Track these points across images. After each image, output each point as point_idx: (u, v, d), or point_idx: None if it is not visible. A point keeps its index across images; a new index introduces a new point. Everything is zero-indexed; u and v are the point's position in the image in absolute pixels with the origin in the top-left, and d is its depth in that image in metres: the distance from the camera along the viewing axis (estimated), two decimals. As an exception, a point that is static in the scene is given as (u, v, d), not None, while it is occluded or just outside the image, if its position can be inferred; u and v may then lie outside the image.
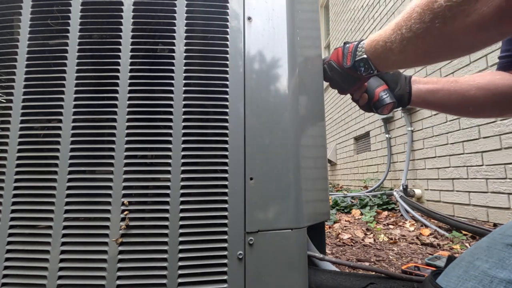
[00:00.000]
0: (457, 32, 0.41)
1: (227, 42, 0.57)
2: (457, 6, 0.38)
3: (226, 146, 0.53)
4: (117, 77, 0.54)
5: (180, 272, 0.49)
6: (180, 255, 0.49)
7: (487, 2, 0.35)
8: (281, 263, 0.52)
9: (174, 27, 0.55)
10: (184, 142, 0.53)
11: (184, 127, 0.53)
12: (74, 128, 0.52)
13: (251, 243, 0.51)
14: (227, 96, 0.55)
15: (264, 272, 0.51)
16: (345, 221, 2.12)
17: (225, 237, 0.51)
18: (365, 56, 0.59)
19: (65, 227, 0.49)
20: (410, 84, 0.69)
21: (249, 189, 0.53)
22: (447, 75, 2.11)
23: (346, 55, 0.63)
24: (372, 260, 1.22)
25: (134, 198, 0.51)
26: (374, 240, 1.58)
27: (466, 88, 0.64)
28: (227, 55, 0.56)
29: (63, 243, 0.49)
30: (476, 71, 1.84)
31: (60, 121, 0.52)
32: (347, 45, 0.64)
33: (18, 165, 0.51)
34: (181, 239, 0.50)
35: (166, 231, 0.50)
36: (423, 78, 0.70)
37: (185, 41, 0.55)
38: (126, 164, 0.51)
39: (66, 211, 0.50)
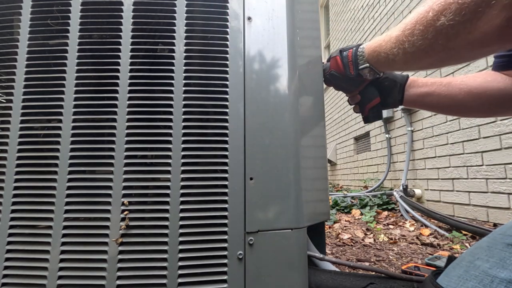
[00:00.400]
0: (460, 47, 0.42)
1: (227, 42, 0.57)
2: (459, 25, 0.38)
3: (226, 146, 0.53)
4: (117, 77, 0.54)
5: (180, 272, 0.49)
6: (180, 255, 0.49)
7: (488, 22, 0.36)
8: (281, 263, 0.52)
9: (174, 27, 0.55)
10: (184, 142, 0.53)
11: (184, 127, 0.53)
12: (74, 128, 0.52)
13: (251, 243, 0.51)
14: (227, 96, 0.55)
15: (264, 272, 0.51)
16: (345, 221, 2.12)
17: (225, 237, 0.51)
18: (367, 65, 0.61)
19: (65, 227, 0.49)
20: (403, 92, 0.71)
21: (249, 189, 0.53)
22: (447, 75, 2.11)
23: (347, 64, 0.65)
24: (372, 260, 1.22)
25: (134, 198, 0.51)
26: (374, 240, 1.58)
27: (456, 93, 0.66)
28: (227, 55, 0.56)
29: (63, 243, 0.49)
30: (476, 71, 1.84)
31: (60, 121, 0.52)
32: (344, 53, 0.65)
33: (18, 165, 0.51)
34: (181, 239, 0.50)
35: (166, 231, 0.50)
36: (420, 80, 0.71)
37: (185, 41, 0.55)
38: (126, 164, 0.51)
39: (66, 211, 0.50)
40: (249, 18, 0.59)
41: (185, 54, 0.55)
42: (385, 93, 0.71)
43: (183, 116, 0.53)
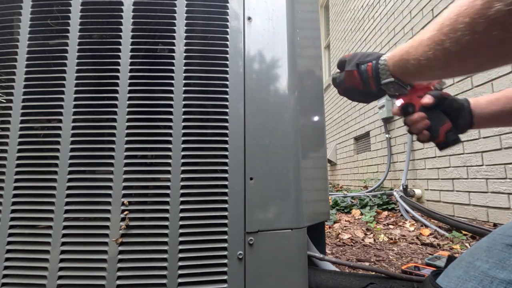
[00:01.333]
0: None
1: (227, 42, 0.57)
2: None
3: (226, 146, 0.53)
4: (117, 77, 0.54)
5: (180, 272, 0.49)
6: (180, 255, 0.49)
7: None
8: (281, 263, 0.52)
9: (174, 27, 0.55)
10: (184, 142, 0.53)
11: (184, 127, 0.53)
12: (74, 128, 0.52)
13: (251, 243, 0.51)
14: (227, 96, 0.55)
15: (264, 272, 0.51)
16: (345, 221, 2.12)
17: (225, 237, 0.51)
18: (392, 79, 0.53)
19: (65, 227, 0.49)
20: (471, 114, 0.64)
21: (249, 189, 0.53)
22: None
23: (367, 80, 0.57)
24: (372, 260, 1.22)
25: (134, 198, 0.51)
26: (374, 240, 1.58)
27: None
28: (227, 55, 0.56)
29: (63, 243, 0.49)
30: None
31: (60, 121, 0.52)
32: (363, 67, 0.57)
33: (18, 165, 0.51)
34: (181, 239, 0.50)
35: (166, 231, 0.50)
36: (481, 100, 0.65)
37: (185, 41, 0.55)
38: (126, 164, 0.51)
39: (66, 211, 0.50)
40: (249, 18, 0.59)
41: (185, 54, 0.55)
42: (454, 116, 0.64)
43: (183, 116, 0.53)
